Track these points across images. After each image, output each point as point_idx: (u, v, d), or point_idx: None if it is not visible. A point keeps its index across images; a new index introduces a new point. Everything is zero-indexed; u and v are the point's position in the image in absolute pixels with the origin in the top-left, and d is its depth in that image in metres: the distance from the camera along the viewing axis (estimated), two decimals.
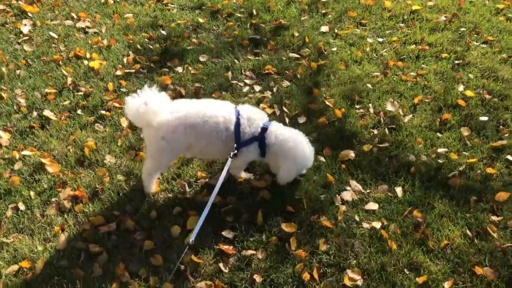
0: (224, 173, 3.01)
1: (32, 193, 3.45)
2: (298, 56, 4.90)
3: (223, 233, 3.17)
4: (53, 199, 3.40)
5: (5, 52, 4.90)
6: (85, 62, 4.74)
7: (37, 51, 4.92)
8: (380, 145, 3.82)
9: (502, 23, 5.31)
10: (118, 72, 4.62)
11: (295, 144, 3.19)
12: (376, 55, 4.88)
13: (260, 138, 3.20)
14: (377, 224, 3.20)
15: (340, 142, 3.81)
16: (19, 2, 5.72)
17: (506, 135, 3.85)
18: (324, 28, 5.29)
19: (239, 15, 5.51)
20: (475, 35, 5.12)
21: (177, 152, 3.24)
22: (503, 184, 3.44)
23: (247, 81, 4.54)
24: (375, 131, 3.95)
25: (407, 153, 3.74)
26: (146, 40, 5.11)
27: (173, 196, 3.44)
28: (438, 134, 3.94)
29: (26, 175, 3.59)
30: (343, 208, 3.33)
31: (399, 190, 3.47)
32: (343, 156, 3.70)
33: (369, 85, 4.44)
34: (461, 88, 4.37)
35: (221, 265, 2.99)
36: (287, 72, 4.64)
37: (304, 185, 3.45)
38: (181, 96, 4.24)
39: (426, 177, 3.57)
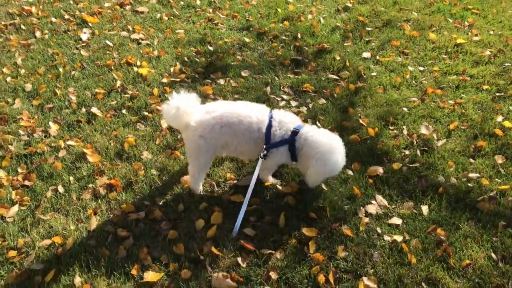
0: (256, 172, 3.17)
1: (71, 178, 3.72)
2: (337, 77, 5.07)
3: (245, 230, 3.27)
4: (90, 185, 3.64)
5: (63, 55, 5.33)
6: (135, 68, 5.09)
7: (92, 56, 5.34)
8: (410, 165, 3.87)
9: None
10: (164, 80, 4.94)
11: (328, 149, 3.18)
12: (415, 82, 4.98)
13: (290, 141, 3.32)
14: (398, 238, 3.24)
15: (369, 159, 3.90)
16: (82, 13, 6.22)
17: None
18: (366, 54, 5.45)
19: (284, 37, 5.78)
20: None
21: (214, 150, 3.38)
22: None
23: (284, 96, 4.73)
24: (407, 152, 4.01)
25: (437, 175, 3.76)
26: (193, 53, 5.44)
27: (201, 194, 3.59)
28: (471, 160, 3.95)
29: (68, 162, 3.89)
30: (366, 219, 3.39)
31: (424, 208, 3.49)
32: (371, 172, 3.78)
33: (405, 109, 4.52)
34: (499, 118, 4.38)
35: (239, 259, 3.09)
36: (325, 91, 4.80)
37: (329, 195, 3.56)
38: None
39: (453, 198, 3.58)
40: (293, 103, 4.65)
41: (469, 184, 3.68)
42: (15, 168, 3.83)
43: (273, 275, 2.99)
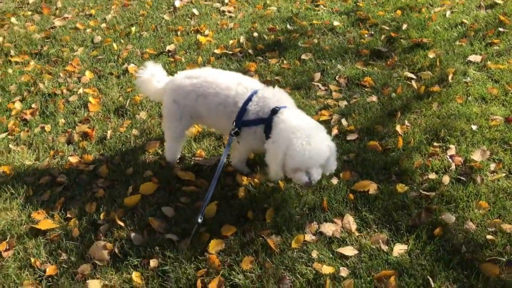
0: (225, 152, 2.90)
1: (62, 120, 3.99)
2: (414, 77, 4.24)
3: (164, 208, 3.05)
4: (69, 130, 3.82)
5: (147, 17, 5.72)
6: (198, 36, 5.11)
7: (171, 22, 5.58)
8: (424, 192, 3.00)
9: None
10: (217, 51, 4.87)
11: (298, 135, 2.59)
12: None
13: (268, 120, 2.81)
14: (329, 270, 2.54)
15: (372, 172, 3.19)
16: None
17: None
18: (474, 57, 4.45)
19: (385, 27, 5.11)
20: None
21: (188, 118, 3.20)
22: None
23: (332, 87, 4.19)
24: (431, 176, 3.12)
25: (450, 212, 2.83)
26: (266, 30, 5.20)
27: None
28: None
29: (72, 107, 4.15)
30: (309, 237, 2.75)
31: (397, 248, 2.67)
32: (359, 186, 3.07)
33: (473, 127, 3.54)
34: None
35: (133, 235, 2.88)
36: (384, 89, 4.08)
37: (287, 197, 3.04)
38: None
39: (449, 246, 2.66)
40: (336, 95, 4.06)
41: (488, 236, 2.65)
42: (31, 104, 4.21)
43: (153, 262, 2.67)
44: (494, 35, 4.79)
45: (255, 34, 5.17)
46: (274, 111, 2.80)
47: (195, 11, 5.79)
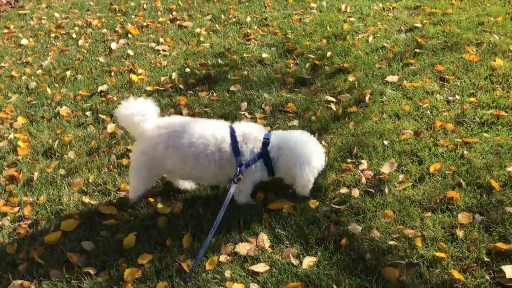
0: (228, 198, 2.93)
1: None
2: (334, 100, 4.46)
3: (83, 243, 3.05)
4: None
5: (84, 61, 5.88)
6: (131, 75, 5.25)
7: (106, 64, 5.73)
8: (334, 206, 3.14)
9: None
10: (149, 88, 5.00)
11: (303, 147, 3.00)
12: (431, 113, 4.07)
13: (264, 153, 2.99)
14: (237, 287, 2.62)
15: (287, 191, 3.29)
16: (131, 25, 6.75)
17: None
18: (391, 78, 4.71)
19: (311, 55, 5.35)
20: None
21: (158, 170, 3.20)
22: None
23: (257, 115, 4.36)
24: (343, 190, 3.28)
25: (358, 222, 2.98)
26: (198, 65, 5.39)
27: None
28: (428, 214, 3.03)
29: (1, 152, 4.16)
30: (224, 258, 2.84)
31: (307, 261, 2.78)
32: (274, 206, 3.19)
33: (385, 142, 3.73)
34: None
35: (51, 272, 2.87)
36: (305, 113, 4.27)
37: (206, 224, 3.13)
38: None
39: (356, 255, 2.79)
40: (260, 122, 4.25)
41: (391, 242, 2.80)
42: None
43: None
44: (411, 56, 5.08)
45: (187, 69, 5.34)
46: (265, 143, 3.00)
47: (130, 52, 5.96)
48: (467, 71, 4.68)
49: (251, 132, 3.01)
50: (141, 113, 3.03)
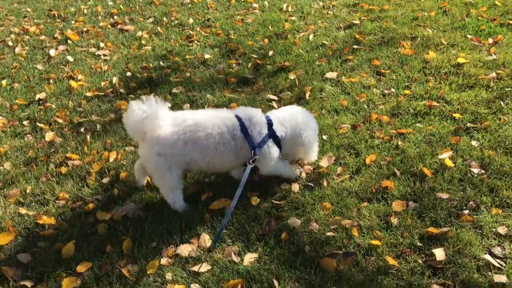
0: (244, 179, 3.00)
1: None
2: (276, 98, 4.51)
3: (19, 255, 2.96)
4: None
5: (21, 69, 5.68)
6: (71, 82, 5.13)
7: (44, 71, 5.57)
8: (275, 201, 3.18)
9: None
10: (88, 94, 4.89)
11: (302, 117, 3.30)
12: (367, 106, 4.18)
13: (272, 133, 3.16)
14: None
15: (229, 190, 3.33)
16: (70, 31, 6.59)
17: (463, 222, 2.90)
18: (331, 74, 4.81)
19: (253, 55, 5.39)
20: None
21: (178, 167, 3.11)
22: None
23: None
24: (283, 186, 3.33)
25: (297, 216, 3.03)
26: (139, 69, 5.32)
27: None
28: (364, 204, 3.11)
29: None
30: (165, 261, 2.82)
31: (248, 257, 2.82)
32: (215, 205, 3.20)
33: (324, 137, 3.80)
34: (445, 155, 3.41)
35: None
36: None
37: (147, 228, 3.10)
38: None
39: (295, 248, 2.83)
40: None
41: (328, 234, 2.86)
42: None
43: None
44: (349, 52, 5.21)
45: (128, 73, 5.28)
46: (270, 124, 3.17)
47: (69, 58, 5.83)
48: (402, 64, 4.83)
49: (254, 116, 3.13)
50: (158, 116, 2.90)
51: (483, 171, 3.25)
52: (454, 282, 2.54)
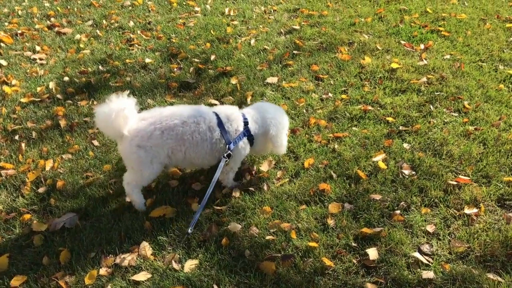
0: (217, 175, 3.01)
1: None
2: (218, 103, 4.53)
3: None
4: None
5: None
6: (4, 87, 4.94)
7: None
8: (216, 207, 3.20)
9: (501, 93, 4.37)
10: (23, 100, 4.72)
11: (272, 113, 3.40)
12: (306, 111, 4.28)
13: (247, 131, 3.26)
14: None
15: (171, 196, 3.34)
16: (2, 33, 6.32)
17: (395, 221, 3.05)
18: (271, 79, 4.87)
19: (195, 59, 5.38)
20: (452, 101, 4.26)
21: (159, 160, 3.11)
22: None
23: None
24: (224, 191, 3.35)
25: (238, 221, 3.07)
26: (77, 73, 5.20)
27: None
28: (303, 207, 3.18)
29: None
30: (104, 271, 2.79)
31: (188, 264, 2.83)
32: (156, 213, 3.20)
33: None
34: (378, 157, 3.55)
35: None
36: None
37: (84, 239, 3.05)
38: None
39: (236, 253, 2.87)
40: None
41: (268, 237, 2.91)
42: None
43: None
44: (289, 57, 5.32)
45: (66, 78, 5.15)
46: (246, 122, 3.27)
47: (2, 62, 5.61)
48: (339, 69, 5.00)
49: (232, 113, 3.24)
50: (127, 108, 2.94)
51: (413, 172, 3.43)
52: (386, 280, 2.67)
